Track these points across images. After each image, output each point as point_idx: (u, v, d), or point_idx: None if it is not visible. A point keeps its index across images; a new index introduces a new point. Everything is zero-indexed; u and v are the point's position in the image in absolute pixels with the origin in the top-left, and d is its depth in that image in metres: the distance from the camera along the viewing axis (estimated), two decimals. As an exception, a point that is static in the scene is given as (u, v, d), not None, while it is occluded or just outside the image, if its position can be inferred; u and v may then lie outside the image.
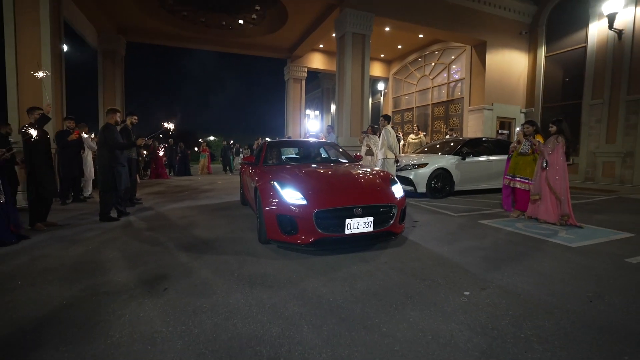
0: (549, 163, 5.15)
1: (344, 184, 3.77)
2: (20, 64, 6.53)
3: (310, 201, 3.31)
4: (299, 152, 6.28)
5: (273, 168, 4.42)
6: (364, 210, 3.32)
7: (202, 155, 16.28)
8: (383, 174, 4.21)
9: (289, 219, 3.30)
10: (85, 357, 1.80)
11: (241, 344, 1.92)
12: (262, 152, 5.14)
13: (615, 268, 3.22)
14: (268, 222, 3.46)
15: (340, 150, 5.67)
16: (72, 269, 3.14)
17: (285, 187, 3.49)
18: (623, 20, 9.64)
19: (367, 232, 3.34)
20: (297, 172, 4.06)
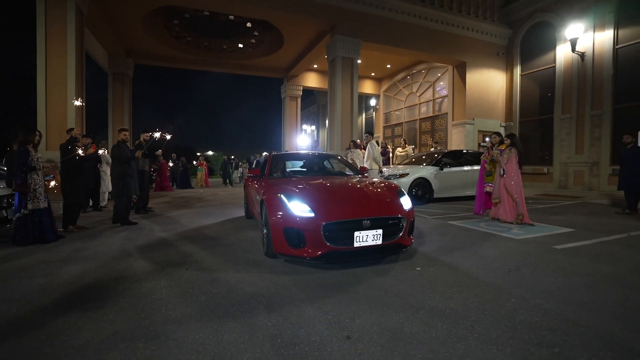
0: (505, 171, 6.07)
1: (352, 196, 3.72)
2: (49, 87, 7.46)
3: (318, 214, 3.25)
4: (304, 164, 6.17)
5: (279, 181, 4.41)
6: (372, 223, 3.26)
7: (199, 169, 17.12)
8: (390, 185, 4.14)
9: (297, 231, 3.24)
10: (140, 306, 2.62)
11: (247, 298, 2.74)
12: (268, 164, 5.11)
13: (541, 252, 4.06)
14: (275, 235, 3.40)
15: (345, 163, 5.70)
16: (109, 257, 3.95)
17: (292, 200, 3.44)
18: (584, 44, 10.75)
19: (376, 244, 3.27)
20: (304, 184, 4.01)
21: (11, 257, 4.00)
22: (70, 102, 7.56)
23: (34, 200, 4.66)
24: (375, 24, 11.05)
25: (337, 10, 10.50)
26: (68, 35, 7.56)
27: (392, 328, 2.21)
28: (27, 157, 4.64)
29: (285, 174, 5.36)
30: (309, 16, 10.38)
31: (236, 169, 20.42)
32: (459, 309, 2.49)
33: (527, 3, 12.56)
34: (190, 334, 2.16)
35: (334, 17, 10.54)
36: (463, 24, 12.57)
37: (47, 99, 7.46)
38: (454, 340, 2.06)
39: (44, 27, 7.46)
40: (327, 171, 5.74)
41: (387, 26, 11.25)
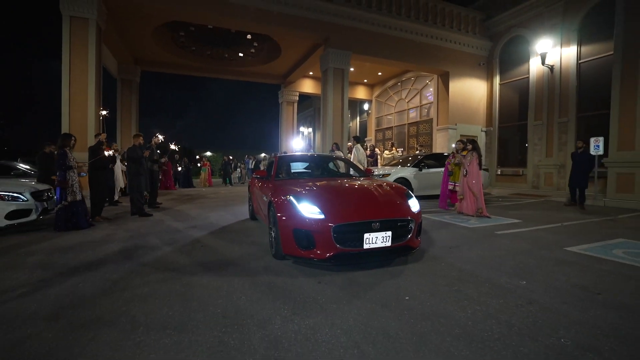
0: (468, 172, 7.11)
1: (361, 198, 3.72)
2: (72, 96, 8.46)
3: (328, 215, 3.26)
4: (309, 166, 6.17)
5: (287, 182, 4.40)
6: (382, 225, 3.28)
7: (203, 169, 18.11)
8: (398, 187, 4.14)
9: (306, 233, 3.26)
10: (164, 277, 3.65)
11: (249, 260, 3.76)
12: (274, 166, 5.10)
13: (484, 236, 5.10)
14: (284, 237, 3.42)
15: (351, 165, 5.74)
16: (136, 238, 4.97)
17: (301, 202, 3.44)
18: (553, 58, 11.84)
19: (385, 246, 3.29)
20: (313, 186, 4.00)
21: (57, 238, 5.01)
22: (91, 109, 8.58)
23: (72, 193, 5.66)
24: (365, 38, 12.10)
25: (329, 25, 11.54)
26: (89, 51, 8.56)
27: (350, 278, 3.25)
28: (66, 158, 5.63)
29: (292, 175, 5.32)
30: (303, 31, 11.41)
31: (235, 170, 21.43)
32: (400, 267, 3.52)
33: (505, 18, 13.65)
34: (200, 277, 3.19)
35: (327, 32, 11.58)
36: (447, 37, 13.63)
37: (70, 107, 8.46)
38: (388, 279, 3.10)
39: (69, 43, 8.45)
40: (333, 172, 5.77)
41: (375, 40, 12.30)
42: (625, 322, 2.34)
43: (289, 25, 11.08)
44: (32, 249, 4.38)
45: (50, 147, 7.38)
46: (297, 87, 17.70)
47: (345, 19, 11.70)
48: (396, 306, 2.58)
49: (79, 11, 8.49)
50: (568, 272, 3.42)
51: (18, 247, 4.44)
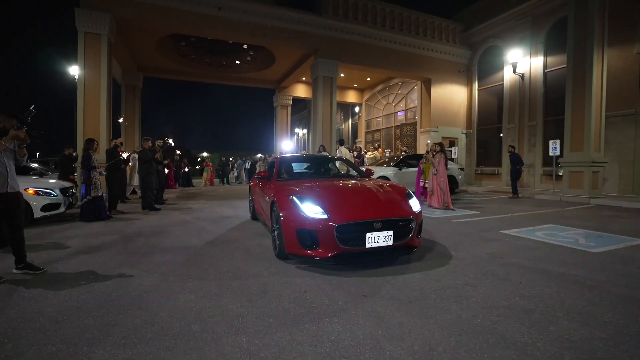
0: (438, 171, 8.18)
1: (363, 198, 3.78)
2: (86, 104, 9.44)
3: (330, 215, 3.30)
4: (310, 166, 6.25)
5: (289, 182, 4.44)
6: (383, 224, 3.33)
7: (205, 169, 19.12)
8: (399, 187, 4.22)
9: (309, 233, 3.31)
10: (180, 250, 4.68)
11: (245, 240, 4.79)
12: (275, 167, 5.15)
13: (441, 223, 6.16)
14: (287, 237, 3.47)
15: (351, 165, 5.88)
16: (152, 226, 5.98)
17: (304, 202, 3.48)
18: (524, 67, 12.98)
19: (387, 245, 3.34)
20: (315, 186, 4.05)
21: (85, 226, 6.02)
22: (103, 116, 9.58)
23: (95, 189, 6.66)
24: (352, 49, 13.17)
25: (318, 37, 12.60)
26: (101, 63, 9.54)
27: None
28: (90, 160, 6.63)
29: (294, 175, 5.32)
30: (295, 43, 12.47)
31: (231, 170, 22.41)
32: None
33: (482, 30, 14.78)
34: (209, 249, 4.24)
35: (316, 44, 12.63)
36: (429, 46, 14.73)
37: (85, 114, 9.43)
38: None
39: (83, 56, 9.42)
40: (334, 173, 5.87)
41: (362, 50, 13.37)
42: (509, 271, 3.40)
43: (281, 38, 12.13)
44: (68, 234, 5.38)
45: (69, 150, 8.39)
46: (291, 91, 18.72)
47: (333, 31, 12.76)
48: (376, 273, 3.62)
49: (93, 28, 9.47)
50: (490, 245, 4.49)
51: (56, 233, 5.45)
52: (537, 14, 12.56)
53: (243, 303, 2.66)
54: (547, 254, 4.11)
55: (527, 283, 3.08)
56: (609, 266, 3.60)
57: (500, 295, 2.78)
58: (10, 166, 3.29)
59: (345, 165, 6.26)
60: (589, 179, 9.17)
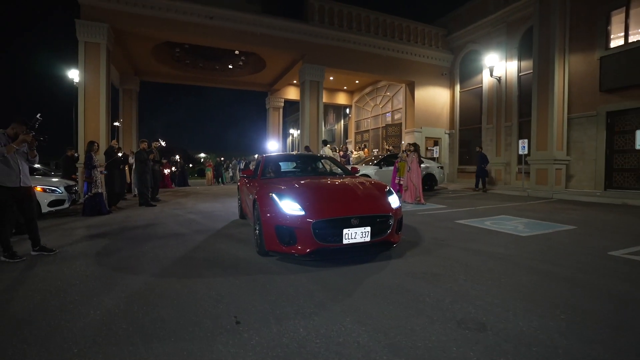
0: (411, 168, 8.92)
1: (341, 195, 3.85)
2: (87, 109, 10.13)
3: (308, 212, 3.34)
4: (296, 165, 6.36)
5: (271, 180, 4.53)
6: (361, 221, 3.36)
7: (207, 169, 19.93)
8: (378, 184, 4.30)
9: (288, 229, 3.35)
10: (172, 237, 5.40)
11: (229, 233, 5.52)
12: (260, 165, 5.26)
13: (408, 215, 6.86)
14: (267, 234, 3.51)
15: (337, 164, 5.94)
16: (148, 220, 6.70)
17: (283, 199, 3.52)
18: (500, 71, 13.75)
19: (365, 242, 3.37)
20: (295, 183, 4.13)
21: (88, 220, 6.73)
22: (102, 119, 10.28)
23: (95, 187, 7.36)
24: (337, 54, 13.91)
25: (305, 44, 13.34)
26: (100, 70, 10.24)
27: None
28: (92, 160, 7.33)
29: (278, 174, 5.35)
30: (283, 49, 13.21)
31: (226, 170, 23.12)
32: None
33: (463, 35, 15.55)
34: (202, 240, 4.96)
35: (303, 49, 13.37)
36: (412, 51, 15.49)
37: (85, 118, 10.13)
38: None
39: (84, 64, 10.13)
40: (319, 171, 5.96)
41: (347, 55, 14.11)
42: (443, 250, 4.14)
43: (269, 45, 12.87)
44: (73, 225, 6.09)
45: (71, 151, 9.09)
46: (283, 94, 19.45)
47: (319, 37, 13.50)
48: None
49: (92, 37, 10.18)
50: (438, 232, 5.22)
51: (62, 225, 6.15)
52: (512, 20, 13.33)
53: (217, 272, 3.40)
54: (483, 237, 4.86)
55: (452, 257, 3.82)
56: (525, 246, 4.35)
57: (424, 266, 3.52)
58: (22, 165, 3.98)
59: (330, 163, 6.31)
60: (552, 176, 9.95)
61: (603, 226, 5.62)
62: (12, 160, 3.82)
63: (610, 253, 3.95)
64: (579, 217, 6.55)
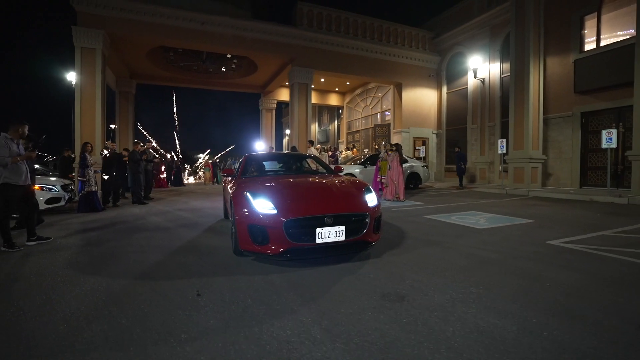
0: (392, 167, 9.38)
1: (316, 193, 3.80)
2: (83, 112, 10.58)
3: (280, 211, 3.29)
4: (277, 164, 6.34)
5: (249, 179, 4.50)
6: (335, 219, 3.30)
7: (206, 169, 20.41)
8: (358, 182, 4.27)
9: (260, 229, 3.30)
10: (158, 229, 5.86)
11: (215, 221, 5.98)
12: (241, 164, 5.28)
13: (383, 211, 7.33)
14: (240, 233, 3.45)
15: (321, 163, 5.89)
16: (138, 216, 7.15)
17: (257, 197, 3.47)
18: (484, 72, 14.21)
19: (339, 241, 3.31)
20: (271, 182, 4.10)
21: (82, 216, 7.18)
22: (97, 122, 10.72)
23: (89, 185, 7.81)
24: (325, 57, 14.37)
25: (294, 47, 13.79)
26: (96, 75, 10.69)
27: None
28: (86, 160, 7.77)
29: (258, 173, 5.36)
30: (273, 52, 13.66)
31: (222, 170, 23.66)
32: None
33: (449, 37, 16.01)
34: (184, 233, 5.41)
35: (292, 53, 13.83)
36: (399, 53, 15.94)
37: (82, 121, 10.58)
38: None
39: (80, 68, 10.58)
40: (301, 170, 5.90)
41: (335, 58, 14.56)
42: (402, 240, 4.60)
43: (260, 49, 13.33)
44: (68, 221, 6.54)
45: (67, 152, 9.54)
46: (275, 95, 19.89)
47: (308, 41, 13.96)
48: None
49: (88, 43, 10.63)
50: (406, 226, 5.67)
51: (58, 220, 6.60)
52: (495, 24, 13.80)
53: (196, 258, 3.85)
54: (443, 230, 5.31)
55: (405, 245, 4.28)
56: (476, 236, 4.80)
57: (385, 249, 3.97)
58: (27, 168, 4.53)
59: (315, 163, 6.31)
60: (528, 174, 10.41)
61: (559, 220, 6.07)
62: (21, 162, 4.42)
63: (548, 242, 4.40)
64: (542, 212, 7.01)
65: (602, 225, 5.47)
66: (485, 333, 2.09)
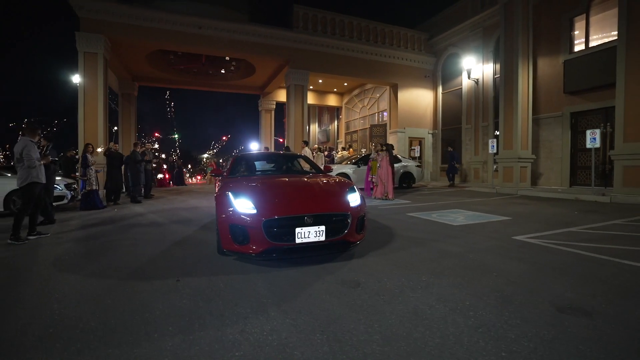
0: (381, 166, 9.67)
1: (297, 193, 3.79)
2: (86, 114, 11.00)
3: (259, 210, 3.32)
4: (265, 164, 6.41)
5: (233, 179, 4.50)
6: (315, 219, 3.30)
7: (209, 168, 20.85)
8: (342, 182, 4.27)
9: (241, 228, 3.31)
10: (152, 225, 6.23)
11: (207, 218, 6.33)
12: (230, 164, 5.37)
13: (370, 209, 7.61)
14: (222, 232, 3.47)
15: (310, 162, 5.88)
16: (137, 213, 7.53)
17: (238, 197, 3.49)
18: (478, 73, 14.42)
19: (319, 241, 3.31)
20: (254, 182, 4.11)
21: (84, 213, 7.58)
22: (100, 123, 11.14)
23: (89, 184, 8.21)
24: (321, 59, 14.67)
25: (290, 50, 14.12)
26: (98, 78, 11.11)
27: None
28: (87, 160, 8.19)
29: (244, 172, 5.35)
30: (269, 55, 14.01)
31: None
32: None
33: (443, 39, 16.23)
34: (175, 227, 5.78)
35: (288, 55, 14.15)
36: (394, 54, 16.19)
37: (85, 123, 11.02)
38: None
39: (83, 72, 11.01)
40: (289, 170, 5.91)
41: (330, 60, 14.86)
42: (378, 233, 4.91)
43: (257, 51, 13.68)
44: (70, 217, 6.93)
45: (71, 152, 9.95)
46: (274, 97, 20.22)
47: (303, 44, 14.28)
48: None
49: (90, 48, 11.05)
50: (387, 223, 5.97)
51: (61, 217, 6.99)
52: (487, 25, 14.00)
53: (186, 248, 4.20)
54: (419, 226, 5.60)
55: (378, 240, 4.58)
56: (448, 232, 5.10)
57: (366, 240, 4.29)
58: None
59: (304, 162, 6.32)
60: (517, 173, 10.65)
61: (536, 217, 6.33)
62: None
63: (513, 237, 4.69)
64: (522, 210, 7.27)
65: (573, 222, 5.73)
66: (418, 313, 2.40)
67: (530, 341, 1.99)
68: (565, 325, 2.17)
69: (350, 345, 1.99)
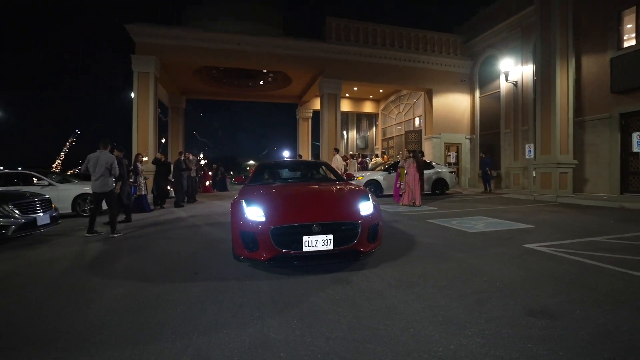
0: (408, 172, 9.74)
1: (307, 201, 3.82)
2: (139, 127, 12.37)
3: (267, 218, 3.39)
4: (287, 172, 6.52)
5: (250, 187, 4.65)
6: (323, 228, 3.31)
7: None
8: (357, 190, 4.23)
9: (251, 235, 3.40)
10: (188, 227, 6.96)
11: (233, 223, 6.96)
12: (252, 173, 5.53)
13: (393, 215, 7.80)
14: (235, 239, 3.58)
15: (331, 170, 5.93)
16: (179, 215, 8.39)
17: (250, 205, 3.59)
18: (516, 75, 13.84)
19: (327, 250, 3.32)
20: (268, 190, 4.19)
21: (134, 216, 8.60)
22: (150, 135, 12.44)
23: (139, 190, 9.28)
24: (354, 68, 15.00)
25: (323, 60, 14.64)
26: (149, 95, 12.48)
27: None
28: (137, 168, 9.27)
29: (263, 180, 5.44)
30: (304, 66, 14.68)
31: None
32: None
33: (480, 41, 15.76)
34: (205, 228, 6.43)
35: (322, 66, 14.68)
36: (428, 60, 16.04)
37: (138, 135, 12.39)
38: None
39: (137, 90, 12.43)
40: (308, 178, 5.94)
41: (363, 68, 15.14)
42: (390, 240, 5.13)
43: (291, 63, 14.41)
44: (120, 219, 7.94)
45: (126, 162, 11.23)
46: (311, 105, 20.89)
47: (336, 54, 14.73)
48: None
49: (143, 68, 12.45)
50: (403, 227, 6.13)
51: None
52: (526, 25, 13.42)
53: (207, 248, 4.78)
54: (434, 232, 5.70)
55: (388, 243, 4.80)
56: (459, 239, 5.16)
57: (353, 248, 4.57)
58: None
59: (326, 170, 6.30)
60: (556, 180, 10.08)
61: (562, 226, 6.10)
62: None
63: (525, 245, 4.65)
64: (552, 218, 6.99)
65: (601, 232, 5.46)
66: (392, 308, 2.65)
67: (484, 338, 2.16)
68: (523, 326, 2.30)
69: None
